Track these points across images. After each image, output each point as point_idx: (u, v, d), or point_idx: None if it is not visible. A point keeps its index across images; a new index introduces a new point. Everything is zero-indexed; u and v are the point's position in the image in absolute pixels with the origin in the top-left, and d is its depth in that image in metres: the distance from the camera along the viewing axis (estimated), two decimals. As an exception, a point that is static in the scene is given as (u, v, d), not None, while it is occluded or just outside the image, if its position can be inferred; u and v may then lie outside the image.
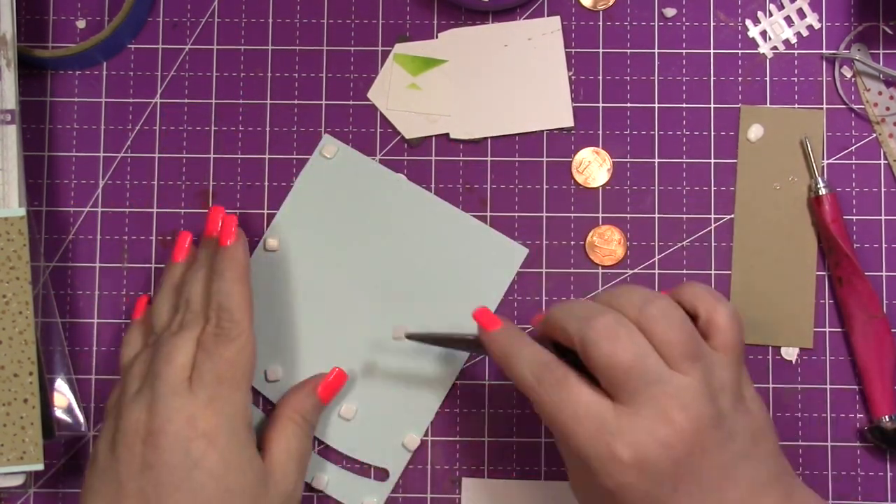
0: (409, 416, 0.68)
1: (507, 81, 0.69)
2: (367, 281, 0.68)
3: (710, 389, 0.55)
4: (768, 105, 0.69)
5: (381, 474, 0.68)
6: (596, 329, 0.55)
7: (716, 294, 0.58)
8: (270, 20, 0.70)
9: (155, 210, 0.69)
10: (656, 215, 0.69)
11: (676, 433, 0.53)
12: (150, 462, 0.58)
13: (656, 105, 0.69)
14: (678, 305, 0.57)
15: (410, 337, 0.65)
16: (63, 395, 0.67)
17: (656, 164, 0.69)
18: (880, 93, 0.69)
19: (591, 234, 0.69)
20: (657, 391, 0.54)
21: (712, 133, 0.69)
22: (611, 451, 0.54)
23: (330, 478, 0.68)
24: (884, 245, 0.68)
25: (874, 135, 0.69)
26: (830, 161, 0.69)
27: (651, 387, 0.54)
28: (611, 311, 0.56)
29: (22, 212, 0.63)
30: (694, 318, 0.58)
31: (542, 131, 0.69)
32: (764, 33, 0.70)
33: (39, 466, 0.62)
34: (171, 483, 0.57)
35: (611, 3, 0.70)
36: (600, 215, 0.69)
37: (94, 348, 0.69)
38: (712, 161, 0.69)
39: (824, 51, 0.70)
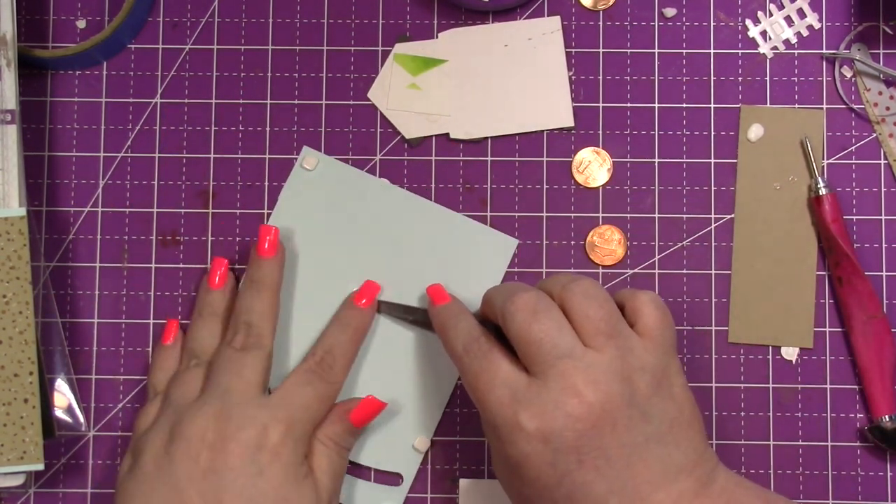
0: (417, 418, 0.67)
1: (507, 81, 0.69)
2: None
3: (626, 368, 0.56)
4: (768, 105, 0.69)
5: (395, 479, 0.67)
6: (515, 303, 0.57)
7: (644, 290, 0.59)
8: (270, 20, 0.70)
9: (155, 210, 0.69)
10: (656, 215, 0.69)
11: (583, 406, 0.54)
12: (215, 467, 0.58)
13: (656, 105, 0.69)
14: (603, 288, 0.58)
15: (379, 306, 0.67)
16: (63, 395, 0.67)
17: (656, 164, 0.69)
18: (880, 93, 0.69)
19: (591, 234, 0.69)
20: (567, 365, 0.55)
21: (712, 133, 0.69)
22: (517, 420, 0.55)
23: (345, 489, 0.67)
24: (884, 245, 0.68)
25: (874, 135, 0.69)
26: (830, 161, 0.69)
27: (561, 360, 0.55)
28: (534, 290, 0.58)
29: (22, 212, 0.63)
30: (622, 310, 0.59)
31: (542, 131, 0.69)
32: (764, 33, 0.70)
33: (39, 466, 0.62)
34: (235, 489, 0.58)
35: (611, 3, 0.70)
36: (600, 215, 0.69)
37: (94, 348, 0.69)
38: (712, 161, 0.69)
39: (824, 51, 0.70)
